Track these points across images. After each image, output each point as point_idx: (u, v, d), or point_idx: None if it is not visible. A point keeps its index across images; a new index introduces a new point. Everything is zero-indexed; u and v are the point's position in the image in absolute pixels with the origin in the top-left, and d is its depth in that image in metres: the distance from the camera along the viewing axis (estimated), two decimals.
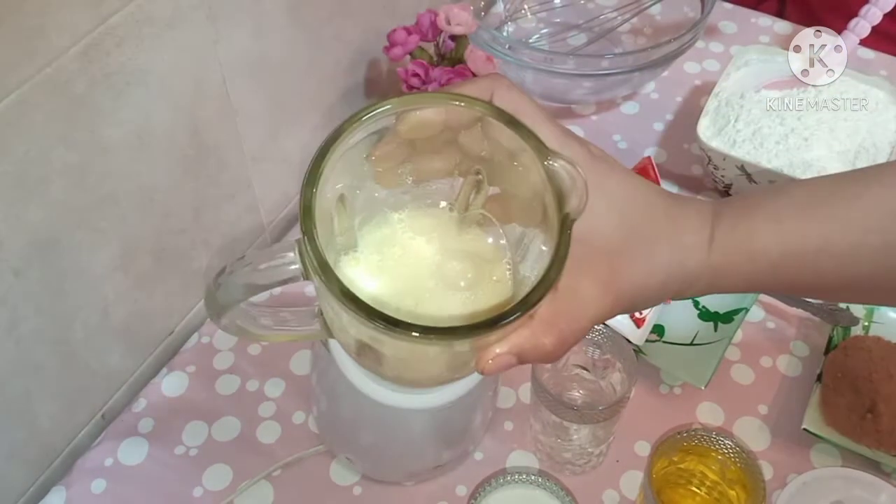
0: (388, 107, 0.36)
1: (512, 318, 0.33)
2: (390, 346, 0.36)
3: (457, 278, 0.39)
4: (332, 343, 0.55)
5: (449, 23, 0.82)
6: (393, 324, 0.32)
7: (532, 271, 0.38)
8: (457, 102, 0.36)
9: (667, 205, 0.40)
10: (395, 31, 0.83)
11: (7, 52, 0.49)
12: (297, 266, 0.36)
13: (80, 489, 0.66)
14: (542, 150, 0.35)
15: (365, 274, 0.39)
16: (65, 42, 0.53)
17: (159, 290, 0.72)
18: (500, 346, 0.36)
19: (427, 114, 0.37)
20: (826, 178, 0.43)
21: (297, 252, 0.36)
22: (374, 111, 0.36)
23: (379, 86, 0.92)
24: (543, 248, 0.37)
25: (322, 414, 0.65)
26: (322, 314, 0.41)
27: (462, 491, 0.66)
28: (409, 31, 0.83)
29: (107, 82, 0.57)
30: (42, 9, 0.50)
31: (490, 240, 0.41)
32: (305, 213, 0.34)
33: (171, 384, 0.73)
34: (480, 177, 0.39)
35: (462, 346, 0.36)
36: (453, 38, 0.85)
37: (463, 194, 0.40)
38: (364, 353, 0.38)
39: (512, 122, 0.36)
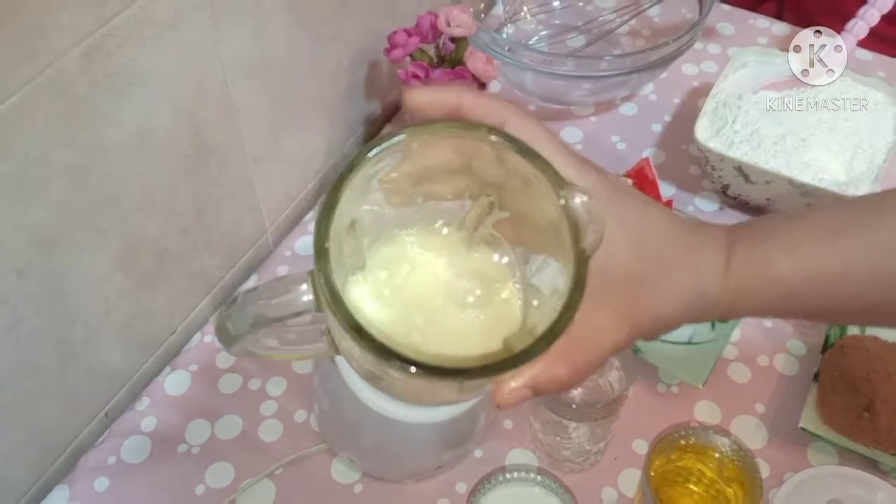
0: (402, 137, 0.35)
1: (528, 358, 0.33)
2: (403, 378, 0.36)
3: (466, 297, 0.39)
4: (338, 357, 0.55)
5: (449, 25, 0.82)
6: (408, 363, 0.32)
7: (545, 290, 0.38)
8: (470, 132, 0.36)
9: (683, 232, 0.40)
10: (395, 32, 0.83)
11: (8, 52, 0.49)
12: (309, 298, 0.35)
13: (84, 487, 0.67)
14: (556, 180, 0.35)
15: (373, 293, 0.38)
16: (66, 43, 0.53)
17: (161, 290, 0.72)
18: (515, 380, 0.36)
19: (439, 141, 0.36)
20: (844, 203, 0.43)
21: (309, 284, 0.35)
22: (385, 145, 0.35)
23: (379, 87, 0.93)
24: (557, 274, 0.36)
25: (323, 413, 0.65)
26: (329, 332, 0.40)
27: (462, 488, 0.67)
28: (409, 33, 0.83)
29: (108, 83, 0.57)
30: (43, 9, 0.50)
31: (498, 258, 0.40)
32: (320, 253, 0.33)
33: (174, 383, 0.73)
34: (492, 198, 0.39)
35: (477, 382, 0.36)
36: (453, 39, 0.86)
37: (473, 215, 0.40)
38: (374, 378, 0.38)
39: (525, 152, 0.35)
